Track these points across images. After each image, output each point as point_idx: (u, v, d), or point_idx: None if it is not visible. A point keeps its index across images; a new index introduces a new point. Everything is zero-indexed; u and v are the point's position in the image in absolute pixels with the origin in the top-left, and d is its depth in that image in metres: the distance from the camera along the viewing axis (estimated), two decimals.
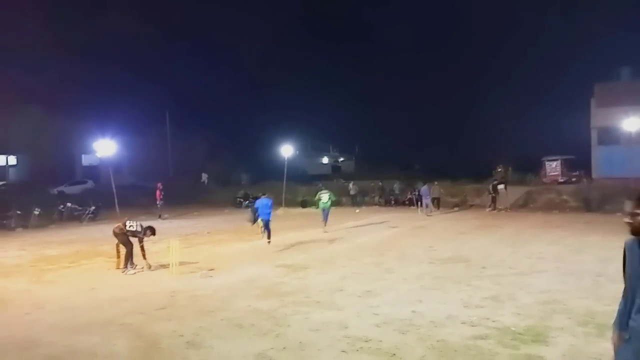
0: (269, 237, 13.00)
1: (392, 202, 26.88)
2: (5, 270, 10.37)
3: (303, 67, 52.81)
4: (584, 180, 25.48)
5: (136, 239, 9.87)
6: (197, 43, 55.46)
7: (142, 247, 9.78)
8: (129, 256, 9.77)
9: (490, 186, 23.06)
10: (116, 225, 10.09)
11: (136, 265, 9.83)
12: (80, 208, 22.79)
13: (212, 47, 53.33)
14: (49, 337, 5.80)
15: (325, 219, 15.87)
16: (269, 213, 13.22)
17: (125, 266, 9.75)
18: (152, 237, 10.18)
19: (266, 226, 13.15)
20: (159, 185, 23.70)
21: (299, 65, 51.18)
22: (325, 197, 16.19)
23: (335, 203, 27.67)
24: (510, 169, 30.05)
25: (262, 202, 13.50)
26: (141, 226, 10.01)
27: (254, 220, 15.17)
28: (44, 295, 7.93)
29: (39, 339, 5.74)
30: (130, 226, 9.92)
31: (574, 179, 26.27)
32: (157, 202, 23.38)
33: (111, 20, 42.64)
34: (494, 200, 22.51)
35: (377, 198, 27.56)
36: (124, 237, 9.86)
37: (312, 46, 55.48)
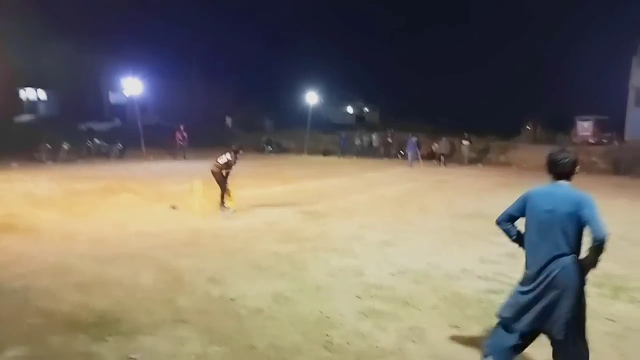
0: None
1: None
2: (36, 200, 10.77)
3: (331, 14, 51.09)
4: (616, 141, 24.71)
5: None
6: None
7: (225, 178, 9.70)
8: (223, 196, 9.75)
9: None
10: (212, 163, 9.81)
11: (228, 208, 9.73)
12: (107, 145, 23.31)
13: None
14: (79, 265, 6.10)
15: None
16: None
17: (222, 205, 9.74)
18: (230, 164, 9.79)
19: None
20: (180, 127, 23.95)
21: (327, 12, 49.55)
22: None
23: (359, 154, 27.81)
24: (539, 126, 29.22)
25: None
26: (231, 154, 9.75)
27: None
28: (73, 227, 8.27)
29: (70, 266, 6.04)
30: (221, 161, 9.72)
31: (604, 140, 25.49)
32: (178, 144, 23.72)
33: None
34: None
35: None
36: (219, 175, 9.72)
37: None
